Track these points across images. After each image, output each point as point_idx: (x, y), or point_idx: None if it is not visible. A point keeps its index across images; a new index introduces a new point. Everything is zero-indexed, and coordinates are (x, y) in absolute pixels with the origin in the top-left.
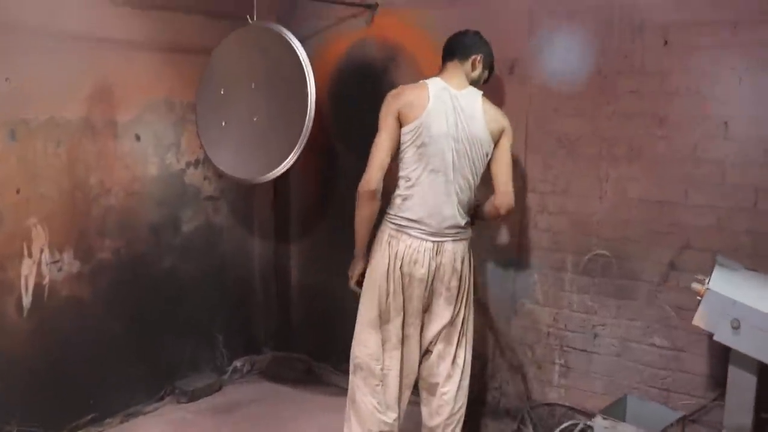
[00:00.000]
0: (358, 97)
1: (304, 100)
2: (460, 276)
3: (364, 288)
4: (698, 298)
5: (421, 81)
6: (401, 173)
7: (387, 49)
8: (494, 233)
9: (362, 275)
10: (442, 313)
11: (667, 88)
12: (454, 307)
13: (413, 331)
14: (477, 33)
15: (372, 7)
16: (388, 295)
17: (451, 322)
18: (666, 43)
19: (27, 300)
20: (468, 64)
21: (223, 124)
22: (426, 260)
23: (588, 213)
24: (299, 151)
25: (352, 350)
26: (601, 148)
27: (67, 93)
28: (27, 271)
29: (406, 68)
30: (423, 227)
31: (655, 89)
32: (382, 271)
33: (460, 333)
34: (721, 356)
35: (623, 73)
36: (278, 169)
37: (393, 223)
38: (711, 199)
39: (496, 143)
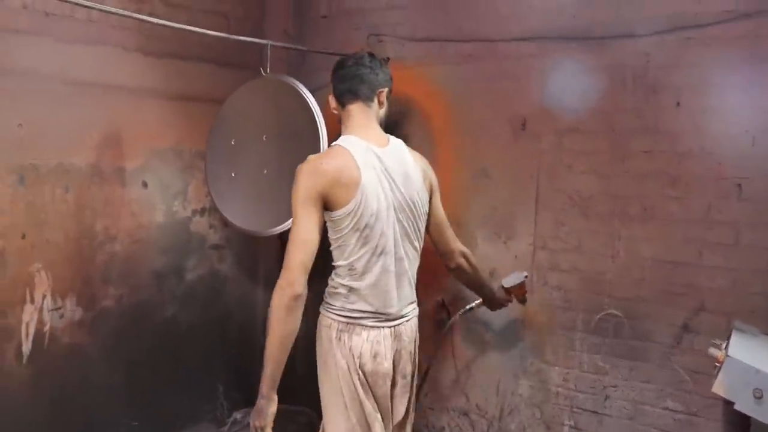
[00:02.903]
0: None
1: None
2: (414, 358)
3: (327, 400)
4: (716, 364)
5: (336, 144)
6: (341, 262)
7: (398, 103)
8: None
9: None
10: (397, 407)
11: (679, 148)
12: (409, 399)
13: None
14: (373, 56)
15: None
16: (359, 399)
17: (406, 415)
18: (678, 104)
19: (27, 347)
20: (375, 104)
21: (233, 174)
22: (387, 351)
23: (600, 271)
24: None
25: None
26: (614, 207)
27: (76, 139)
28: (28, 317)
29: (418, 123)
30: (379, 315)
31: (668, 149)
32: (344, 373)
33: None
34: (739, 423)
35: (636, 132)
36: (286, 223)
37: (342, 316)
38: (725, 260)
39: (430, 200)
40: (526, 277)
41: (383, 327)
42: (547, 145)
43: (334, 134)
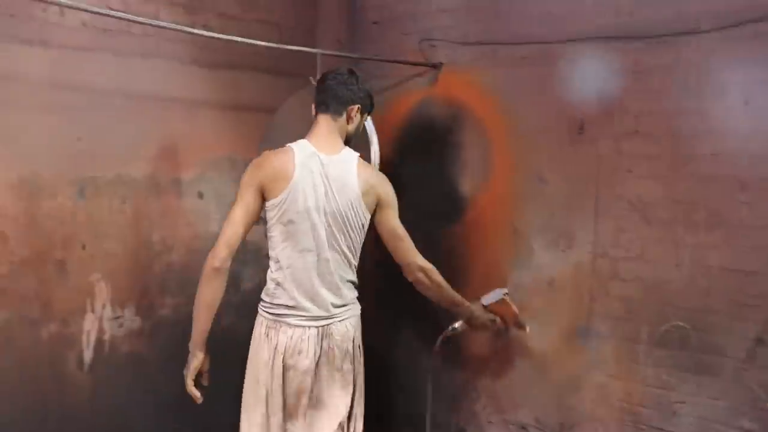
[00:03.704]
0: (421, 161)
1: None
2: (353, 358)
3: (245, 387)
4: None
5: (288, 145)
6: (271, 254)
7: (451, 109)
8: (561, 298)
9: (200, 373)
10: (336, 403)
11: (749, 150)
12: (352, 395)
13: None
14: (352, 74)
15: (436, 66)
16: (273, 391)
17: (348, 417)
18: (747, 103)
19: (88, 355)
20: (343, 119)
21: None
22: (311, 349)
23: (664, 281)
24: None
25: None
26: (678, 213)
27: (133, 151)
28: (89, 326)
29: (471, 129)
30: (303, 313)
31: (736, 151)
32: (264, 364)
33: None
34: None
35: (701, 133)
36: None
37: (269, 313)
38: None
39: (378, 213)
40: (506, 294)
41: (309, 326)
42: (606, 149)
43: (383, 144)
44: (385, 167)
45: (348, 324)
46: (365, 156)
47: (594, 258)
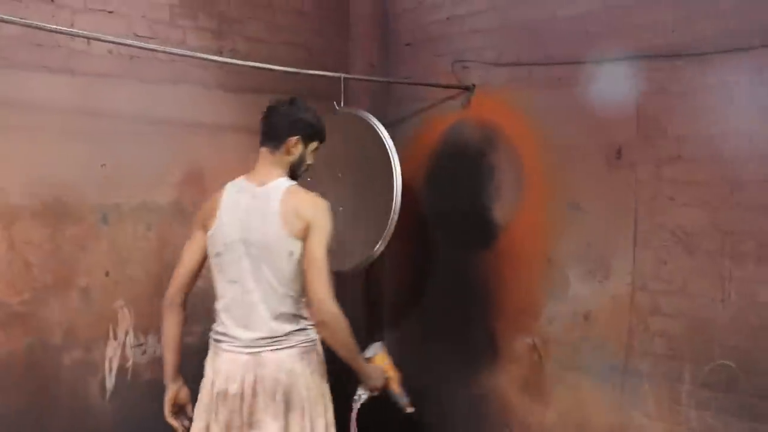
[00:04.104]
0: (454, 184)
1: (390, 193)
2: (290, 389)
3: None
4: None
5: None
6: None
7: (485, 132)
8: (598, 332)
9: (174, 404)
10: (268, 429)
11: None
12: (285, 426)
13: None
14: (293, 103)
15: (469, 89)
16: (211, 411)
17: None
18: None
19: (110, 382)
20: (281, 151)
21: None
22: (239, 375)
23: (708, 317)
24: (382, 247)
25: None
26: (724, 244)
27: (158, 177)
28: (112, 353)
29: (505, 153)
30: (235, 341)
31: None
32: (206, 386)
33: None
34: None
35: (749, 158)
36: (359, 263)
37: (212, 338)
38: None
39: (305, 240)
40: (383, 344)
41: (241, 353)
42: (646, 174)
43: (418, 165)
44: (415, 191)
45: (283, 354)
46: (389, 181)
47: (633, 290)
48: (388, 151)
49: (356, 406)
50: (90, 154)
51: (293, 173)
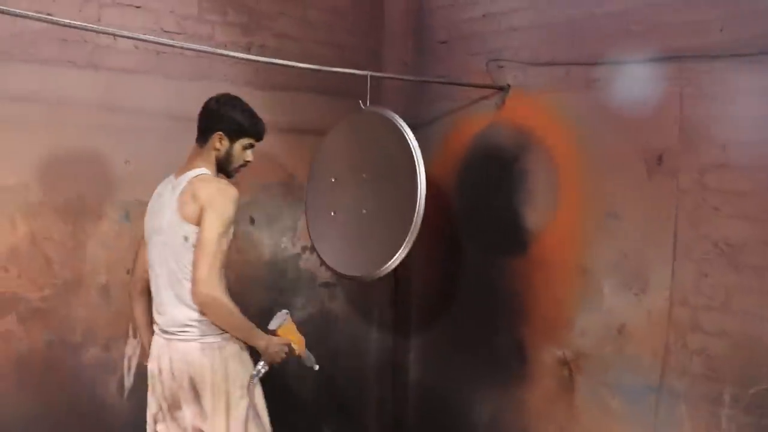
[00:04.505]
0: (486, 188)
1: (415, 196)
2: (196, 381)
3: None
4: None
5: None
6: None
7: (518, 134)
8: (632, 348)
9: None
10: (183, 415)
11: None
12: (200, 411)
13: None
14: (218, 100)
15: (503, 89)
16: (153, 387)
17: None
18: None
19: (129, 381)
20: (209, 145)
21: (332, 213)
22: (156, 355)
23: (753, 336)
24: (405, 252)
25: None
26: None
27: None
28: (131, 351)
29: (538, 155)
30: (156, 324)
31: None
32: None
33: None
34: None
35: None
36: (382, 269)
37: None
38: None
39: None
40: (287, 313)
41: (159, 335)
42: (688, 183)
43: (450, 166)
44: (446, 194)
45: (190, 346)
46: (413, 182)
47: (671, 305)
48: (413, 151)
49: (254, 380)
50: (113, 150)
51: (223, 169)
